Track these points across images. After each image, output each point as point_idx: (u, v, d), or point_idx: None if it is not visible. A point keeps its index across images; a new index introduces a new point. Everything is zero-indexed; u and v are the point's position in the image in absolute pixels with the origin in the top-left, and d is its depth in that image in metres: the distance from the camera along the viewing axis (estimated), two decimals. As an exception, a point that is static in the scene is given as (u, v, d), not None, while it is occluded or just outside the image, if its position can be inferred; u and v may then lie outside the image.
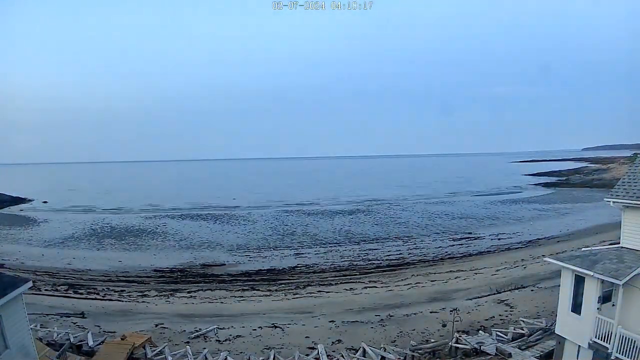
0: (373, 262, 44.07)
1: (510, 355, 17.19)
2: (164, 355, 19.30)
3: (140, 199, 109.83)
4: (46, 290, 33.88)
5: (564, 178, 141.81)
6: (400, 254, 47.16)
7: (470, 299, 28.81)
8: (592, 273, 13.06)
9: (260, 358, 19.66)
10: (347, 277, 38.43)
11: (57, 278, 38.64)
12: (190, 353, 19.38)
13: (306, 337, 23.23)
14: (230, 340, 22.76)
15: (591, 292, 13.48)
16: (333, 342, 22.23)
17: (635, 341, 12.32)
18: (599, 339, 13.33)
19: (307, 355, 19.90)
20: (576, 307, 14.22)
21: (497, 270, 37.08)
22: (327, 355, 19.73)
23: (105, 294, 33.27)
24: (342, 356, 19.65)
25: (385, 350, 19.49)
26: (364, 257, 46.12)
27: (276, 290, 34.31)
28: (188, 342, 21.87)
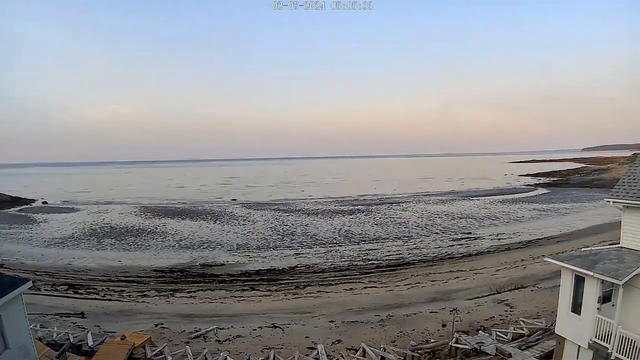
0: (373, 262, 44.07)
1: (510, 355, 17.16)
2: (163, 355, 19.29)
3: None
4: (46, 290, 33.94)
5: (563, 178, 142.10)
6: (400, 254, 47.16)
7: (470, 299, 28.82)
8: (592, 273, 13.06)
9: (260, 358, 19.64)
10: (347, 277, 38.44)
11: (57, 278, 38.69)
12: (190, 353, 19.36)
13: (306, 337, 23.25)
14: (230, 340, 22.77)
15: (591, 292, 13.46)
16: (333, 342, 22.24)
17: (635, 341, 12.31)
18: (599, 339, 13.32)
19: (307, 355, 19.87)
20: (576, 307, 14.20)
21: (497, 270, 37.11)
22: (327, 355, 19.72)
23: (105, 294, 33.31)
24: (342, 356, 19.64)
25: (385, 350, 19.48)
26: (363, 257, 46.11)
27: (276, 290, 34.32)
28: (188, 342, 21.88)
